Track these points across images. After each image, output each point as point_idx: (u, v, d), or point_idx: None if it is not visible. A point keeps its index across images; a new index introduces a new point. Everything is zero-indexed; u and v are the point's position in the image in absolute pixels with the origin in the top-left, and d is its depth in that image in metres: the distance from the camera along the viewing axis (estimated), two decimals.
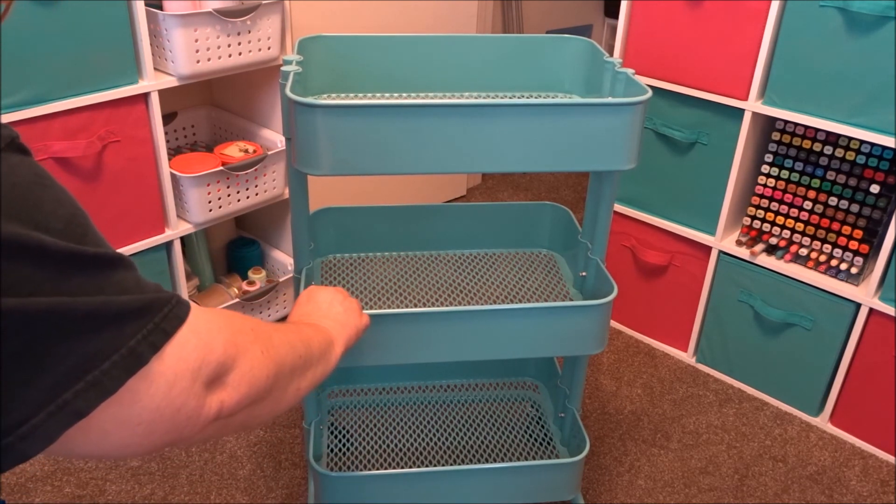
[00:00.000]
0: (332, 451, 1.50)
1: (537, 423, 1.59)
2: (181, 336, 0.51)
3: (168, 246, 1.73)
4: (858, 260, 1.63)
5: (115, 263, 0.49)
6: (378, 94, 1.29)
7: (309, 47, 1.21)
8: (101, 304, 0.46)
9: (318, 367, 0.79)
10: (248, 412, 0.62)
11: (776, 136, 1.68)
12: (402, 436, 1.54)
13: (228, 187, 1.74)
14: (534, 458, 1.50)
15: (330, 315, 0.94)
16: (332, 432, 1.54)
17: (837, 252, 1.66)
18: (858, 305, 1.64)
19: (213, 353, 0.54)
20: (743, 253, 1.78)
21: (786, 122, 1.65)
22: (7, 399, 0.43)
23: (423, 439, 1.54)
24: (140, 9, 1.50)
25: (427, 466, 1.46)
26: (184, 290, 1.80)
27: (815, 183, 1.65)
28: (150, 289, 0.51)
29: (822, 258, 1.68)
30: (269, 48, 1.71)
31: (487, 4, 2.71)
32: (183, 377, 0.51)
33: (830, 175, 1.63)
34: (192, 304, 0.54)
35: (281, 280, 1.99)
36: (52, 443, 0.45)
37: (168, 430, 0.52)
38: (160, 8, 1.56)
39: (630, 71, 1.15)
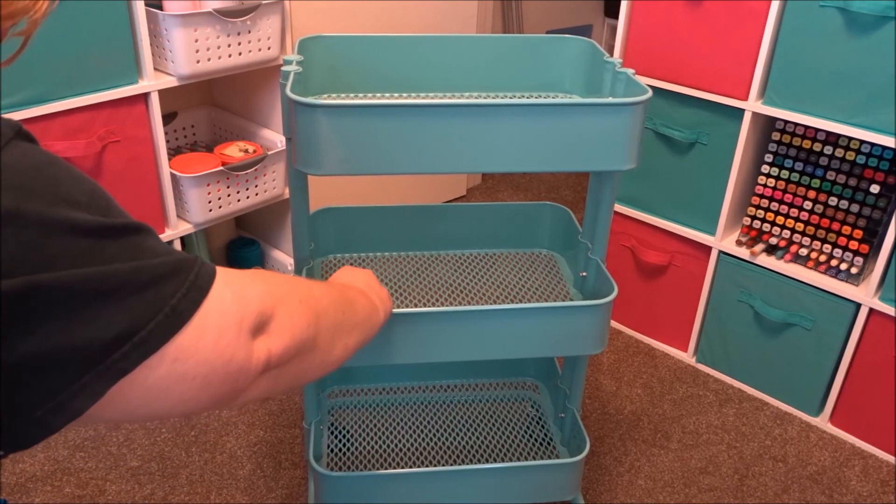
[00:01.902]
0: (332, 451, 1.50)
1: (537, 423, 1.59)
2: (217, 291, 0.53)
3: None
4: (858, 260, 1.63)
5: (142, 231, 0.51)
6: (378, 94, 1.29)
7: (309, 47, 1.21)
8: (137, 269, 0.48)
9: (364, 326, 0.82)
10: (299, 363, 0.64)
11: (776, 136, 1.68)
12: (402, 436, 1.54)
13: (228, 187, 1.74)
14: (534, 459, 1.50)
15: (368, 287, 0.95)
16: (332, 432, 1.54)
17: (837, 252, 1.66)
18: (858, 305, 1.64)
19: (251, 304, 0.57)
20: (743, 253, 1.78)
21: (786, 122, 1.65)
22: (58, 365, 0.45)
23: (423, 439, 1.54)
24: (140, 9, 1.50)
25: (427, 466, 1.46)
26: None
27: (815, 183, 1.65)
28: (177, 252, 0.53)
29: (822, 258, 1.68)
30: (269, 48, 1.71)
31: (487, 4, 2.71)
32: (228, 329, 0.54)
33: (830, 175, 1.63)
34: (218, 267, 0.57)
35: None
36: (100, 398, 0.47)
37: (223, 381, 0.54)
38: (160, 8, 1.56)
39: (630, 71, 1.15)
